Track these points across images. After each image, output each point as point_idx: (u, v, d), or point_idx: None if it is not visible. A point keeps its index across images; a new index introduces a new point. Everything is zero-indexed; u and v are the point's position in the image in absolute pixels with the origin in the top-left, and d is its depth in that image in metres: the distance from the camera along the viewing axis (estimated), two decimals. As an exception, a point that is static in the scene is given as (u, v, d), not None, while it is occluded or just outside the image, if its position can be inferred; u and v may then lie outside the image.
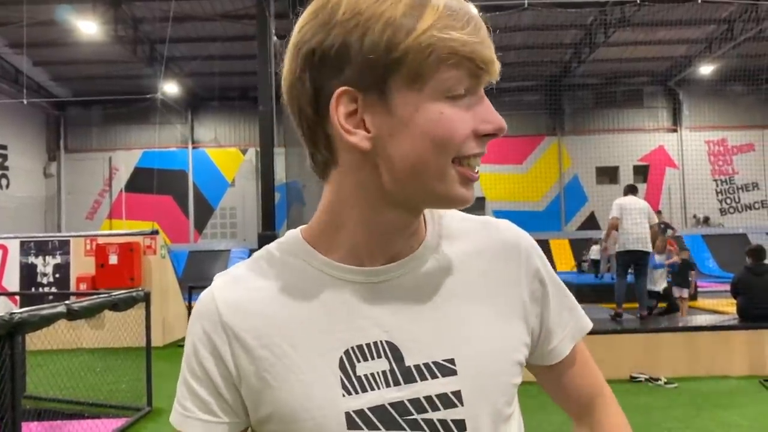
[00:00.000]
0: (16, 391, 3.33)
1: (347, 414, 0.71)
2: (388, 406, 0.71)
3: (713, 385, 6.05)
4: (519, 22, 14.80)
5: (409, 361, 0.72)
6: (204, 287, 0.84)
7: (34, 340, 5.41)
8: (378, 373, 0.72)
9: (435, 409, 0.71)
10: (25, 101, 15.95)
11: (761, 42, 15.37)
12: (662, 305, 8.77)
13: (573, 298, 0.87)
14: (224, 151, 21.75)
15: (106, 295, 4.93)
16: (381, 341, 0.73)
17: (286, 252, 0.78)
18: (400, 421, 0.71)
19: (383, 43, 0.64)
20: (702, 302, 10.23)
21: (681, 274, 9.20)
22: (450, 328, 0.74)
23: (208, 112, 21.67)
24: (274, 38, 9.74)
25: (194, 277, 16.27)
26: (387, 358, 0.72)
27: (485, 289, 0.78)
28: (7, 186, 18.97)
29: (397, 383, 0.71)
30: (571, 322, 0.85)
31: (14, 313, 3.43)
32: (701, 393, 5.75)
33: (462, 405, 0.71)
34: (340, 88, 0.67)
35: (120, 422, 5.20)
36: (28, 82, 17.27)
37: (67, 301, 4.16)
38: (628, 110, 20.98)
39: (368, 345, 0.73)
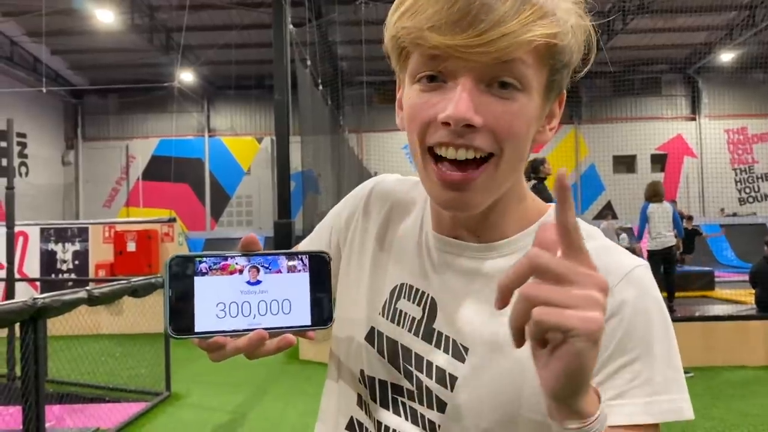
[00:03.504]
0: (39, 375, 3.40)
1: (372, 328, 0.82)
2: (400, 346, 0.79)
3: (730, 375, 6.02)
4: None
5: (437, 325, 0.78)
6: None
7: (56, 326, 5.51)
8: (410, 315, 0.80)
9: (430, 376, 0.76)
10: (44, 90, 16.10)
11: (783, 29, 15.12)
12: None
13: (661, 376, 0.67)
14: (240, 140, 21.82)
15: (125, 281, 4.99)
16: (428, 294, 0.80)
17: None
18: (401, 363, 0.78)
19: (385, 36, 0.72)
20: (719, 292, 10.13)
21: (687, 241, 9.06)
22: (483, 325, 0.74)
23: (224, 101, 21.74)
24: (290, 26, 9.73)
25: (211, 265, 16.32)
26: (424, 310, 0.79)
27: None
28: (26, 174, 19.18)
29: (416, 334, 0.78)
30: (636, 397, 0.66)
31: (37, 298, 3.49)
32: (718, 383, 5.73)
33: (451, 391, 0.74)
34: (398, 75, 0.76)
35: (140, 406, 5.29)
36: (46, 70, 17.42)
37: (87, 287, 4.23)
38: (646, 98, 20.74)
39: (417, 290, 0.81)
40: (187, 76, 18.83)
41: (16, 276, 6.60)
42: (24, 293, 6.80)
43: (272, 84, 9.68)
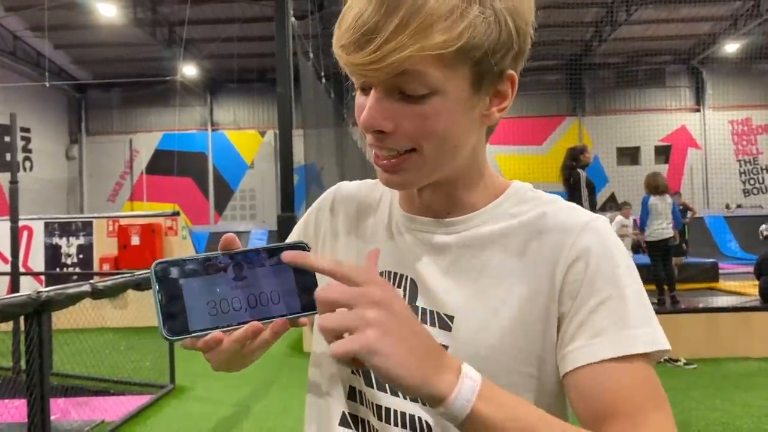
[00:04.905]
0: (44, 368, 3.42)
1: None
2: None
3: (733, 366, 6.02)
4: (539, 0, 14.58)
5: (419, 302, 0.82)
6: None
7: (61, 319, 5.54)
8: None
9: None
10: (47, 84, 16.09)
11: (788, 19, 15.01)
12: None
13: (635, 312, 0.72)
14: (243, 134, 21.81)
15: (129, 275, 5.01)
16: (407, 276, 0.84)
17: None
18: None
19: None
20: (723, 284, 10.13)
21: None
22: (464, 293, 0.79)
23: (227, 95, 21.72)
24: (293, 19, 9.70)
25: (214, 258, 16.31)
26: (405, 291, 0.83)
27: (519, 268, 0.77)
28: (31, 168, 19.21)
29: None
30: (615, 332, 0.71)
31: (41, 291, 3.51)
32: (721, 374, 5.73)
33: None
34: None
35: (144, 399, 5.32)
36: (49, 65, 17.41)
37: (91, 281, 4.24)
38: (650, 90, 20.63)
39: (396, 274, 0.85)
40: (189, 70, 18.80)
41: (21, 270, 6.62)
42: (28, 287, 6.84)
43: (275, 77, 9.68)
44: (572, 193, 7.13)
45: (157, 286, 0.67)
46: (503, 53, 0.73)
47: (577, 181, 7.10)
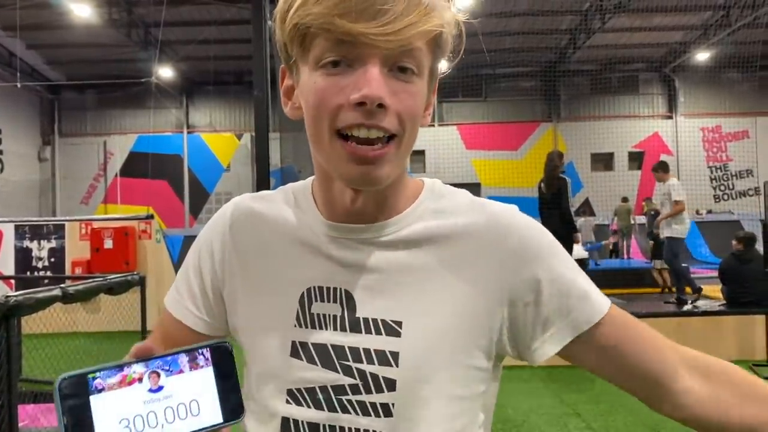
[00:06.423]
0: (12, 374, 3.35)
1: (293, 342, 0.80)
2: (330, 347, 0.79)
3: (703, 369, 6.10)
4: (515, 7, 14.73)
5: (359, 313, 0.79)
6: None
7: (30, 324, 5.43)
8: (329, 315, 0.80)
9: (370, 362, 0.77)
10: (18, 84, 15.81)
11: (757, 29, 15.33)
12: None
13: (584, 284, 0.81)
14: (219, 136, 21.66)
15: (101, 279, 4.93)
16: (340, 288, 0.80)
17: (297, 193, 0.89)
18: (336, 363, 0.78)
19: (280, 28, 0.75)
20: (694, 288, 10.26)
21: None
22: (408, 295, 0.78)
23: (203, 97, 21.55)
24: (269, 22, 9.66)
25: (189, 262, 16.16)
26: (341, 304, 0.80)
27: (463, 270, 0.79)
28: (1, 170, 18.88)
29: (343, 329, 0.79)
30: (574, 312, 0.79)
31: (9, 296, 3.44)
32: (691, 377, 5.81)
33: (397, 366, 0.76)
34: (281, 66, 0.79)
35: (116, 405, 5.23)
36: (21, 65, 17.14)
37: (62, 285, 4.17)
38: (623, 97, 20.93)
39: (328, 288, 0.81)
40: (165, 72, 18.63)
41: (-10, 274, 6.49)
42: (-2, 291, 6.70)
43: (251, 80, 9.62)
44: (559, 198, 7.24)
45: (61, 408, 0.59)
46: (445, 53, 0.78)
47: (565, 187, 7.22)
